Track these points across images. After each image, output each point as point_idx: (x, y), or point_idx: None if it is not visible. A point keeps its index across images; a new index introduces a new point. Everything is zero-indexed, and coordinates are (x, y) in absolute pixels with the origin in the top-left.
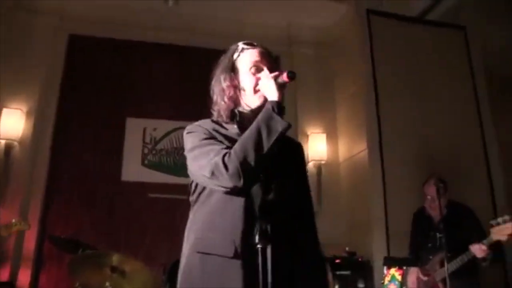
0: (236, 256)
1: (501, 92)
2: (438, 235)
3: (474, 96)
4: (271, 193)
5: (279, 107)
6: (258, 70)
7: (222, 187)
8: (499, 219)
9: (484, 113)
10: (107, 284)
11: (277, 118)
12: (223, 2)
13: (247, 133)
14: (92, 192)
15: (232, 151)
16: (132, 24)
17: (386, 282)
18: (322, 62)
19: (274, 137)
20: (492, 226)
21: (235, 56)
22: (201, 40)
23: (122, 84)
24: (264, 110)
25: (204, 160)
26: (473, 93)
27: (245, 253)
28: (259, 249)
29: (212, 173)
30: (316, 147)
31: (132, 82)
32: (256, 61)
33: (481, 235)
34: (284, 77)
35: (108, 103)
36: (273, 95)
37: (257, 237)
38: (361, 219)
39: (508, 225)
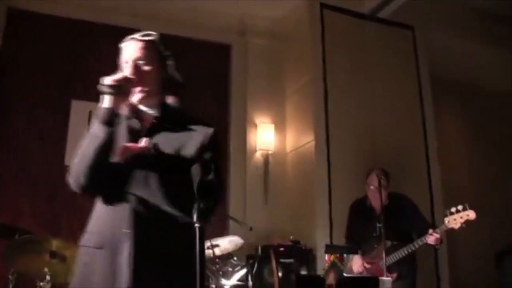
0: (101, 246)
1: (443, 92)
2: (380, 225)
3: (419, 94)
4: (140, 182)
5: (104, 114)
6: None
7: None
8: (453, 209)
9: (427, 111)
10: (46, 270)
11: (98, 126)
12: None
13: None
14: (34, 176)
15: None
16: (83, 4)
17: (327, 268)
18: (274, 53)
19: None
20: (446, 215)
21: None
22: (154, 26)
23: (67, 65)
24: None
25: None
26: (418, 91)
27: (109, 242)
28: (122, 236)
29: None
30: (264, 137)
31: (78, 63)
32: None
33: (423, 224)
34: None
35: (51, 84)
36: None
37: (123, 225)
38: (306, 209)
39: (461, 214)
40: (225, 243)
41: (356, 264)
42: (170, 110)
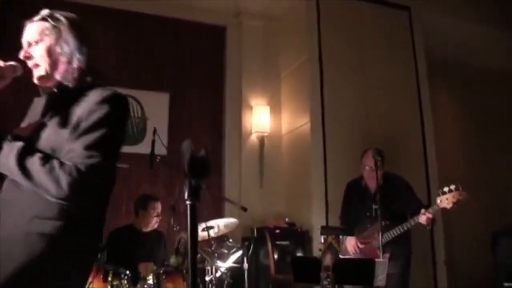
0: None
1: (439, 72)
2: (374, 204)
3: (415, 75)
4: None
5: None
6: None
7: None
8: (445, 188)
9: (423, 91)
10: None
11: None
12: None
13: None
14: None
15: None
16: None
17: (323, 249)
18: (269, 34)
19: None
20: (438, 194)
21: None
22: (149, 7)
23: None
24: None
25: None
26: (414, 72)
27: None
28: None
29: None
30: (260, 119)
31: None
32: None
33: (416, 204)
34: None
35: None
36: None
37: None
38: (301, 191)
39: (454, 194)
40: (221, 226)
41: (350, 244)
42: (64, 86)
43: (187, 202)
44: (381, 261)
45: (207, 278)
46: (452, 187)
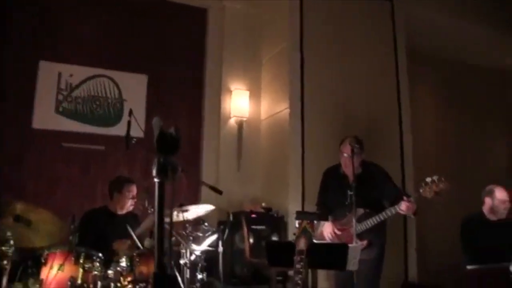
0: None
1: (419, 64)
2: (351, 192)
3: (395, 66)
4: None
5: None
6: None
7: None
8: (428, 179)
9: (402, 82)
10: (9, 234)
11: None
12: None
13: None
14: None
15: None
16: None
17: (298, 234)
18: (251, 18)
19: None
20: (421, 185)
21: None
22: None
23: (35, 24)
24: None
25: None
26: (394, 63)
27: None
28: None
29: None
30: (239, 103)
31: (47, 23)
32: None
33: (395, 192)
34: None
35: (18, 42)
36: None
37: None
38: (278, 176)
39: (436, 184)
40: (197, 210)
41: (327, 230)
42: None
43: (155, 180)
44: (354, 246)
45: (182, 261)
46: (435, 178)
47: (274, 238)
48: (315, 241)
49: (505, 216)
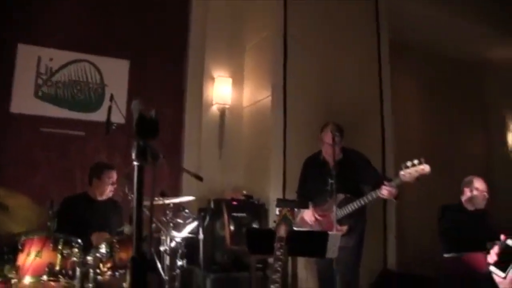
0: None
1: (401, 54)
2: (331, 179)
3: (378, 55)
4: None
5: None
6: None
7: None
8: (408, 163)
9: (384, 71)
10: None
11: None
12: None
13: None
14: None
15: None
16: None
17: (278, 221)
18: (235, 5)
19: None
20: (401, 169)
21: None
22: None
23: (14, 6)
24: None
25: None
26: (376, 52)
27: None
28: None
29: None
30: (221, 90)
31: (27, 5)
32: None
33: (376, 178)
34: None
35: None
36: None
37: None
38: (260, 164)
39: (417, 168)
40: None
41: (307, 216)
42: None
43: (134, 163)
44: (334, 234)
45: (162, 248)
46: (416, 161)
47: (255, 226)
48: (295, 228)
49: (483, 207)
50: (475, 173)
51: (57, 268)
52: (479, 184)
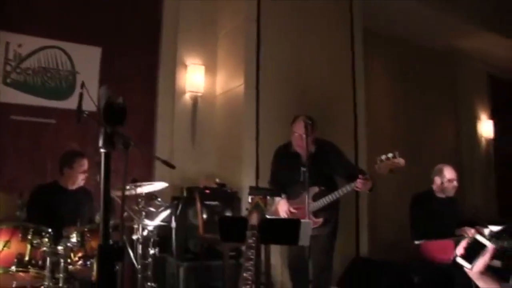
0: None
1: (375, 45)
2: (304, 170)
3: (351, 47)
4: None
5: None
6: None
7: None
8: (383, 156)
9: (358, 62)
10: None
11: None
12: None
13: None
14: None
15: None
16: None
17: (250, 209)
18: None
19: None
20: (376, 162)
21: None
22: None
23: None
24: None
25: None
26: (350, 43)
27: None
28: None
29: None
30: (194, 78)
31: None
32: None
33: (351, 170)
34: None
35: None
36: None
37: None
38: (233, 152)
39: (391, 161)
40: (150, 187)
41: (282, 209)
42: None
43: (101, 150)
44: (306, 221)
45: (134, 237)
46: (390, 155)
47: (228, 214)
48: (267, 216)
49: (453, 194)
50: (445, 161)
51: (27, 258)
52: (449, 173)
